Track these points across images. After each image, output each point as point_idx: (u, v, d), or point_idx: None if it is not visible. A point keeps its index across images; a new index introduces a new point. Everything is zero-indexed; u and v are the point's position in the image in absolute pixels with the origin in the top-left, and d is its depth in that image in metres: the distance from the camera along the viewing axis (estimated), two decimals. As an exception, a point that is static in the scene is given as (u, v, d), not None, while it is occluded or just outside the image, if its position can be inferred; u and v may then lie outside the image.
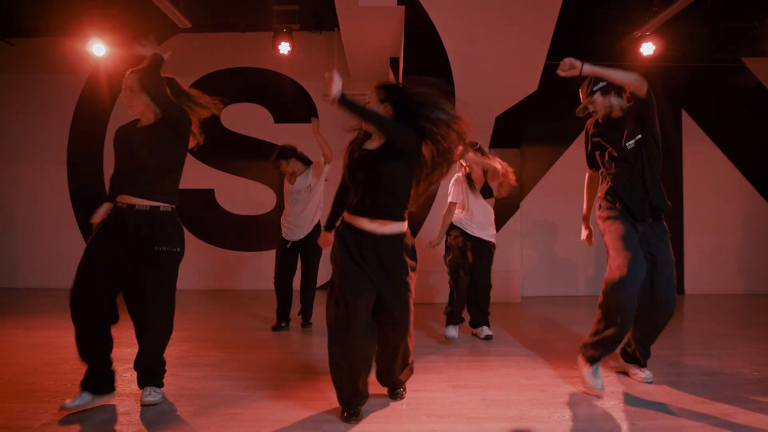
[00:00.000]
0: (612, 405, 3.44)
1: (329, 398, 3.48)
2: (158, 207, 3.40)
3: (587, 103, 4.05)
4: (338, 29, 8.20)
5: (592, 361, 3.68)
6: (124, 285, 3.38)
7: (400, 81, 6.96)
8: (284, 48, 7.92)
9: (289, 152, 5.85)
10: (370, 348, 3.22)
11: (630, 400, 3.54)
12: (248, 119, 8.86)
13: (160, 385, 3.50)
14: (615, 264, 3.64)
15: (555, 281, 8.40)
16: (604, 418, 3.21)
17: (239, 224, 8.75)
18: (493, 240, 5.46)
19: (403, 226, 3.29)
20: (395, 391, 3.56)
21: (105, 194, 8.90)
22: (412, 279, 3.30)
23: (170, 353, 4.65)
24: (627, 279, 3.55)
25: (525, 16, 6.05)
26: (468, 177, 5.48)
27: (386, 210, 3.21)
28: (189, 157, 8.70)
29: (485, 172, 5.48)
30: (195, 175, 8.80)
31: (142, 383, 3.46)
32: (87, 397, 3.30)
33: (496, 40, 6.26)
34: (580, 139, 8.31)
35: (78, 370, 4.06)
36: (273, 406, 3.39)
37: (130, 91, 3.53)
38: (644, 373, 3.91)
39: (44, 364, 4.32)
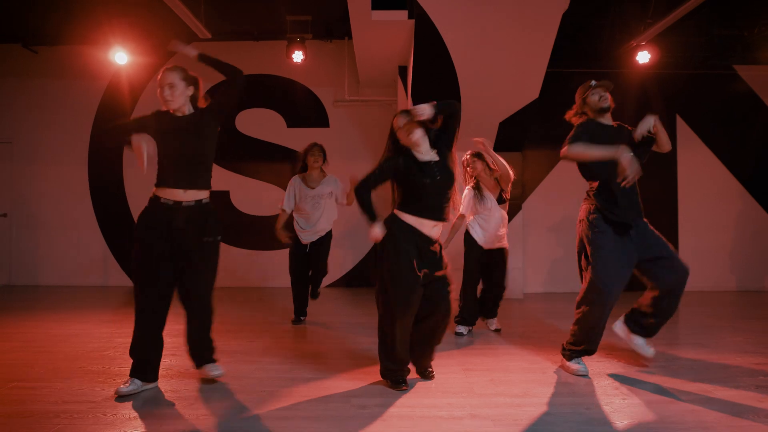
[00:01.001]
0: (606, 384, 3.83)
1: (352, 378, 3.88)
2: (201, 200, 3.73)
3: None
4: (348, 38, 8.62)
5: (570, 359, 4.14)
6: (176, 277, 3.71)
7: (409, 89, 7.39)
8: (297, 56, 8.32)
9: (324, 150, 6.12)
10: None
11: (623, 379, 3.94)
12: (262, 124, 9.25)
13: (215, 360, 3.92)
14: (597, 280, 3.92)
15: (555, 279, 8.79)
16: (598, 394, 3.60)
17: (252, 224, 9.13)
18: (506, 245, 5.74)
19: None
20: (427, 371, 3.99)
21: (124, 196, 9.32)
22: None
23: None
24: (606, 298, 3.90)
25: (527, 28, 6.42)
26: (477, 188, 5.74)
27: (445, 214, 3.79)
28: (206, 160, 9.13)
29: (497, 180, 5.74)
30: (212, 177, 9.19)
31: (202, 361, 3.86)
32: (138, 383, 3.65)
33: (500, 50, 6.63)
34: (580, 143, 8.78)
35: (121, 355, 4.49)
36: (303, 385, 3.78)
37: (171, 87, 3.71)
38: (649, 348, 4.23)
39: (88, 351, 4.71)
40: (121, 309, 7.11)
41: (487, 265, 5.68)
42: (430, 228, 3.73)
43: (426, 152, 3.82)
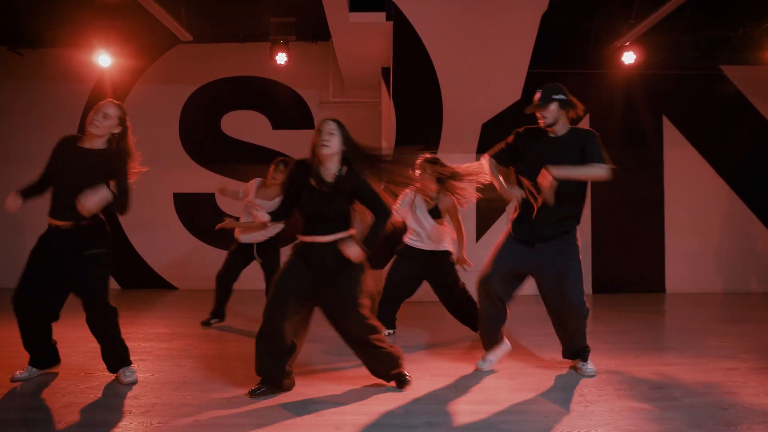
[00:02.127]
0: (570, 390, 3.80)
1: (312, 384, 3.86)
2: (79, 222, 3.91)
3: (541, 106, 4.12)
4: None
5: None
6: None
7: (391, 90, 7.37)
8: (281, 58, 8.29)
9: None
10: None
11: (587, 386, 3.90)
12: (247, 126, 9.23)
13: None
14: None
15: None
16: (560, 401, 3.57)
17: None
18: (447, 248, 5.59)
19: None
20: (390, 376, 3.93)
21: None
22: None
23: (174, 346, 5.04)
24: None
25: (506, 29, 6.39)
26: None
27: None
28: (190, 162, 9.13)
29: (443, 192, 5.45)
30: (197, 179, 9.19)
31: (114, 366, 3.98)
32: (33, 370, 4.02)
33: (480, 52, 6.60)
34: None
35: (89, 362, 4.45)
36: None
37: (105, 117, 3.90)
38: (586, 366, 4.20)
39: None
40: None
41: (433, 273, 5.55)
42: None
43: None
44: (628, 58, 8.06)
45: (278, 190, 5.80)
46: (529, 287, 8.54)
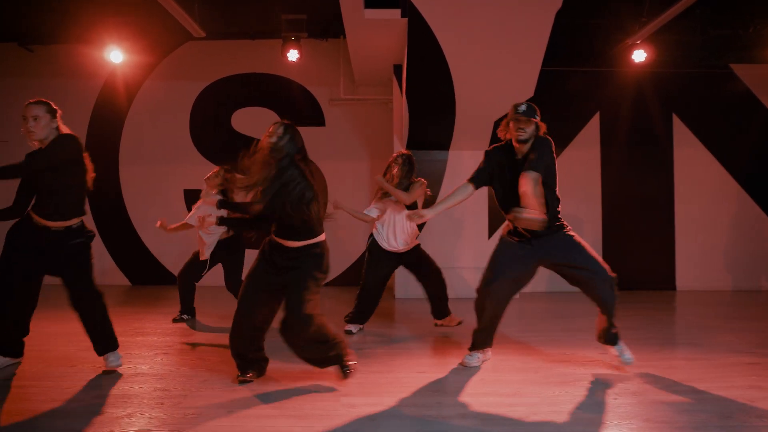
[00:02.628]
0: (599, 384, 3.82)
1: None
2: (71, 226, 4.10)
3: (524, 122, 4.11)
4: (344, 37, 8.58)
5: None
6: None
7: (404, 88, 7.38)
8: (293, 55, 8.29)
9: None
10: None
11: (615, 379, 3.93)
12: (258, 122, 9.23)
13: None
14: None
15: (552, 277, 8.76)
16: (591, 394, 3.60)
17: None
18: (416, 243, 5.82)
19: None
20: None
21: (121, 194, 9.34)
22: None
23: (194, 340, 5.05)
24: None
25: (521, 26, 6.40)
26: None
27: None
28: (201, 159, 9.11)
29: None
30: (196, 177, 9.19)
31: (102, 350, 4.11)
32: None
33: (494, 49, 6.62)
34: (576, 142, 8.79)
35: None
36: (291, 383, 3.78)
37: (35, 119, 4.12)
38: (623, 354, 4.18)
39: (80, 350, 4.69)
40: (116, 308, 7.08)
41: (411, 265, 5.75)
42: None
43: None
44: (639, 56, 8.09)
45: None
46: (539, 283, 8.65)
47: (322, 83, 9.26)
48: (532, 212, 3.80)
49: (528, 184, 3.84)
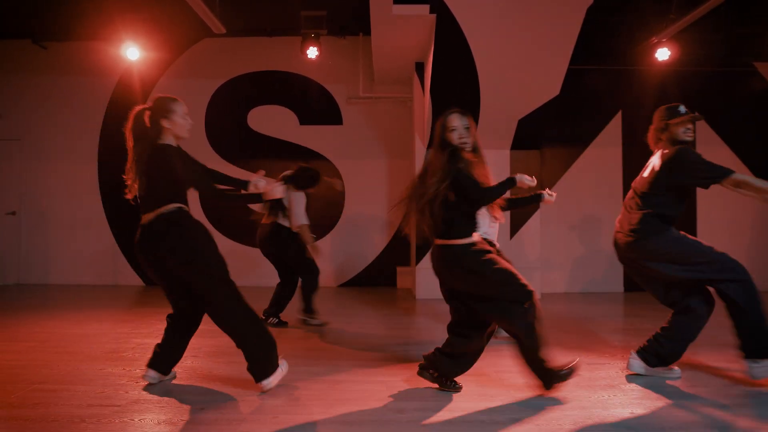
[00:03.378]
0: (640, 381, 3.72)
1: (382, 380, 3.76)
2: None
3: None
4: (363, 34, 8.51)
5: None
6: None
7: (427, 85, 7.27)
8: (312, 53, 8.17)
9: None
10: None
11: (654, 380, 3.82)
12: (274, 121, 9.14)
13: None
14: None
15: (572, 278, 8.68)
16: (638, 394, 3.49)
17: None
18: None
19: None
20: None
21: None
22: None
23: (220, 343, 4.97)
24: None
25: (551, 23, 6.30)
26: None
27: None
28: (216, 158, 8.98)
29: None
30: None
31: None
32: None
33: (523, 46, 6.52)
34: (597, 141, 8.68)
35: (141, 357, 4.36)
36: (333, 388, 3.67)
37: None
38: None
39: (107, 352, 4.59)
40: (134, 308, 7.01)
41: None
42: None
43: None
44: (662, 54, 7.97)
45: None
46: (557, 284, 8.56)
47: (340, 81, 9.15)
48: None
49: None
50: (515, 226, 8.01)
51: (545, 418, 3.15)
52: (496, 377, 3.96)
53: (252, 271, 8.39)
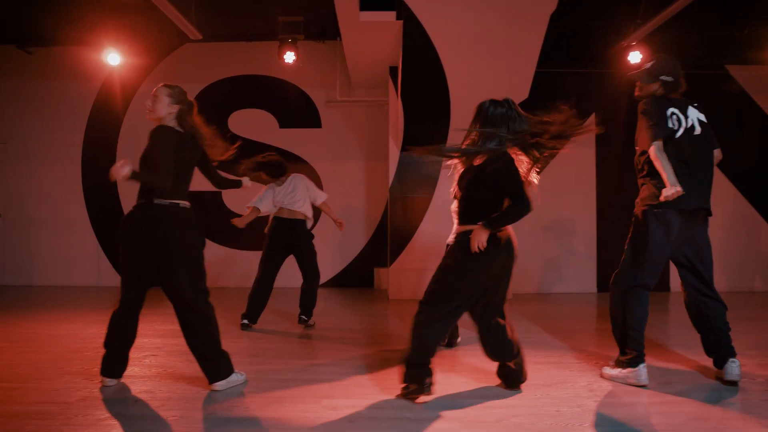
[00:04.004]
0: (581, 385, 3.84)
1: (328, 379, 3.90)
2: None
3: (645, 81, 4.24)
4: (341, 39, 8.62)
5: None
6: None
7: (399, 90, 7.41)
8: (289, 57, 8.33)
9: None
10: None
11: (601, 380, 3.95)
12: (255, 124, 9.28)
13: None
14: None
15: (545, 279, 8.80)
16: (570, 396, 3.61)
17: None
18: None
19: None
20: None
21: (117, 196, 9.39)
22: None
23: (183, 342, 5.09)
24: None
25: (515, 28, 6.45)
26: None
27: None
28: (198, 161, 9.05)
29: None
30: (204, 177, 9.18)
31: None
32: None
33: (489, 51, 6.65)
34: (571, 142, 8.77)
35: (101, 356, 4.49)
36: (275, 386, 3.81)
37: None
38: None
39: (71, 351, 4.73)
40: (109, 309, 7.12)
41: None
42: None
43: None
44: (634, 57, 8.10)
45: None
46: (530, 284, 8.68)
47: (319, 85, 9.29)
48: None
49: None
50: (488, 228, 8.11)
51: (471, 415, 3.28)
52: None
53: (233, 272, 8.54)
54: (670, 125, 3.90)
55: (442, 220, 8.07)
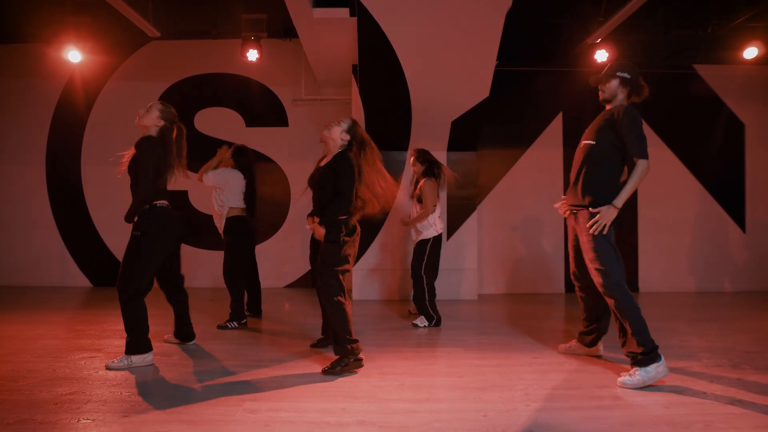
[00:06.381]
0: (516, 390, 3.77)
1: (259, 377, 3.81)
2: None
3: (601, 80, 4.25)
4: (302, 37, 8.54)
5: None
6: None
7: (359, 88, 7.32)
8: (252, 55, 8.23)
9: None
10: None
11: (538, 385, 3.87)
12: (221, 123, 9.16)
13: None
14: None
15: (513, 279, 8.72)
16: (503, 400, 3.53)
17: (211, 224, 9.02)
18: (421, 238, 6.15)
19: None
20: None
21: (83, 195, 9.24)
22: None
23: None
24: None
25: (471, 25, 6.32)
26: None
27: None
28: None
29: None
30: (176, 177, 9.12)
31: None
32: None
33: (446, 49, 6.55)
34: (538, 142, 8.74)
35: (37, 359, 4.39)
36: (201, 385, 3.71)
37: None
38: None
39: (5, 354, 4.62)
40: (65, 311, 7.00)
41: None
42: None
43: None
44: (601, 56, 8.06)
45: None
46: (497, 285, 8.60)
47: (286, 84, 9.19)
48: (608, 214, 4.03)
49: None
50: (452, 228, 8.06)
51: (391, 420, 3.20)
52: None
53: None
54: None
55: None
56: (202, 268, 9.03)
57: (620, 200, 3.96)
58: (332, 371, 4.07)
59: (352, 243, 4.27)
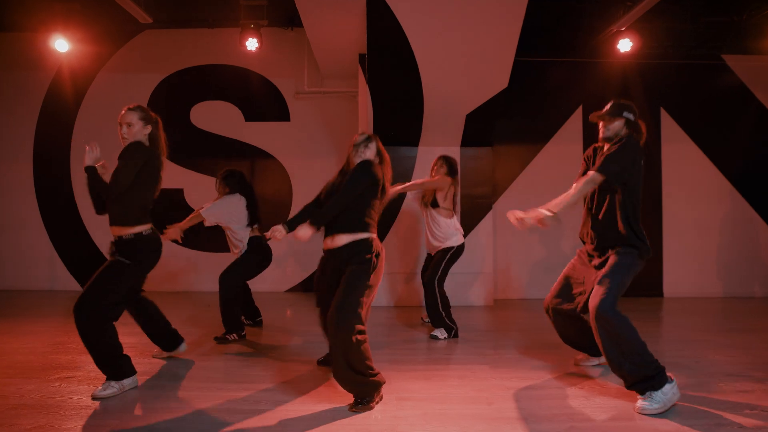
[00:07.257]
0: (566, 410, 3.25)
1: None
2: (122, 237, 3.95)
3: (606, 118, 3.85)
4: (307, 24, 8.01)
5: None
6: None
7: (367, 78, 6.79)
8: (252, 44, 7.72)
9: None
10: None
11: (585, 405, 3.35)
12: (218, 117, 8.64)
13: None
14: None
15: (530, 284, 8.20)
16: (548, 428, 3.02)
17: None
18: (444, 245, 5.62)
19: None
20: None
21: (72, 195, 8.76)
22: None
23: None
24: None
25: (491, 12, 5.84)
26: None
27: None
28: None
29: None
30: (164, 174, 8.58)
31: None
32: None
33: (463, 36, 6.05)
34: (557, 137, 8.21)
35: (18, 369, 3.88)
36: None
37: (128, 126, 4.00)
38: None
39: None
40: (49, 317, 6.48)
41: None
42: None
43: None
44: (624, 45, 7.55)
45: None
46: (514, 290, 8.08)
47: (288, 75, 8.66)
48: (533, 212, 3.63)
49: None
50: (466, 228, 7.52)
51: None
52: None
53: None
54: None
55: (414, 222, 7.50)
56: (200, 271, 8.51)
57: (555, 205, 3.73)
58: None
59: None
